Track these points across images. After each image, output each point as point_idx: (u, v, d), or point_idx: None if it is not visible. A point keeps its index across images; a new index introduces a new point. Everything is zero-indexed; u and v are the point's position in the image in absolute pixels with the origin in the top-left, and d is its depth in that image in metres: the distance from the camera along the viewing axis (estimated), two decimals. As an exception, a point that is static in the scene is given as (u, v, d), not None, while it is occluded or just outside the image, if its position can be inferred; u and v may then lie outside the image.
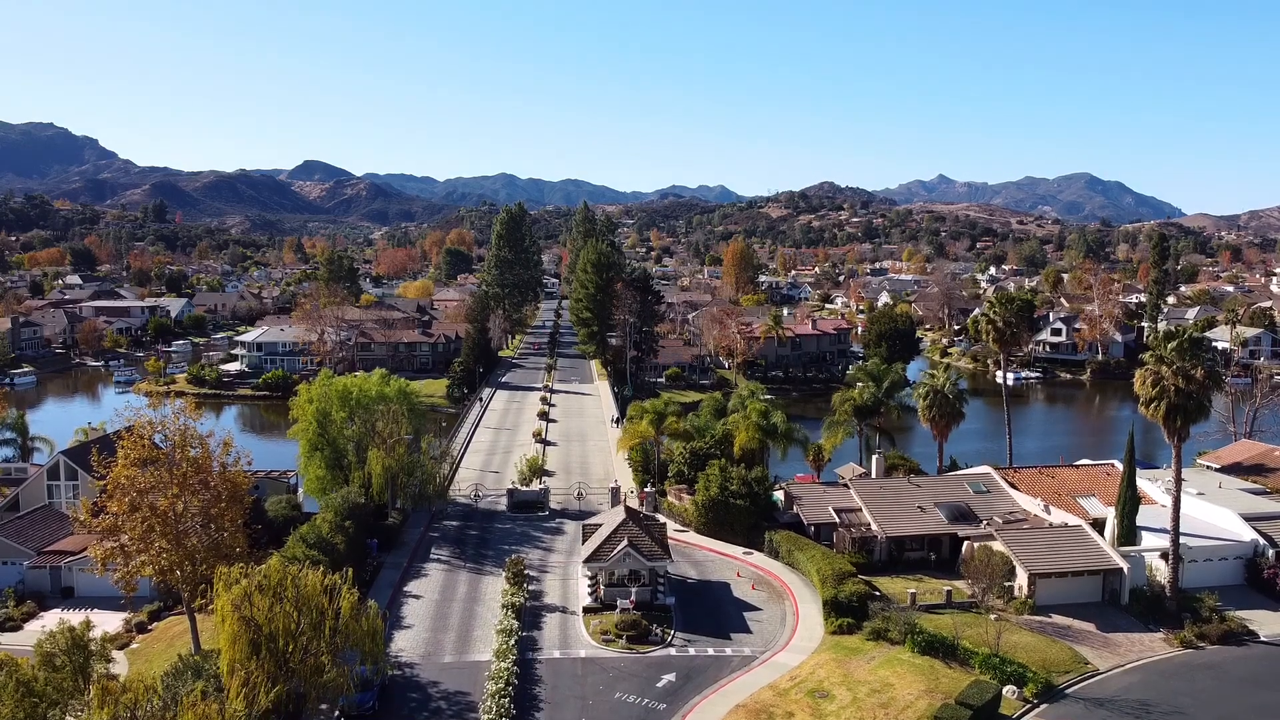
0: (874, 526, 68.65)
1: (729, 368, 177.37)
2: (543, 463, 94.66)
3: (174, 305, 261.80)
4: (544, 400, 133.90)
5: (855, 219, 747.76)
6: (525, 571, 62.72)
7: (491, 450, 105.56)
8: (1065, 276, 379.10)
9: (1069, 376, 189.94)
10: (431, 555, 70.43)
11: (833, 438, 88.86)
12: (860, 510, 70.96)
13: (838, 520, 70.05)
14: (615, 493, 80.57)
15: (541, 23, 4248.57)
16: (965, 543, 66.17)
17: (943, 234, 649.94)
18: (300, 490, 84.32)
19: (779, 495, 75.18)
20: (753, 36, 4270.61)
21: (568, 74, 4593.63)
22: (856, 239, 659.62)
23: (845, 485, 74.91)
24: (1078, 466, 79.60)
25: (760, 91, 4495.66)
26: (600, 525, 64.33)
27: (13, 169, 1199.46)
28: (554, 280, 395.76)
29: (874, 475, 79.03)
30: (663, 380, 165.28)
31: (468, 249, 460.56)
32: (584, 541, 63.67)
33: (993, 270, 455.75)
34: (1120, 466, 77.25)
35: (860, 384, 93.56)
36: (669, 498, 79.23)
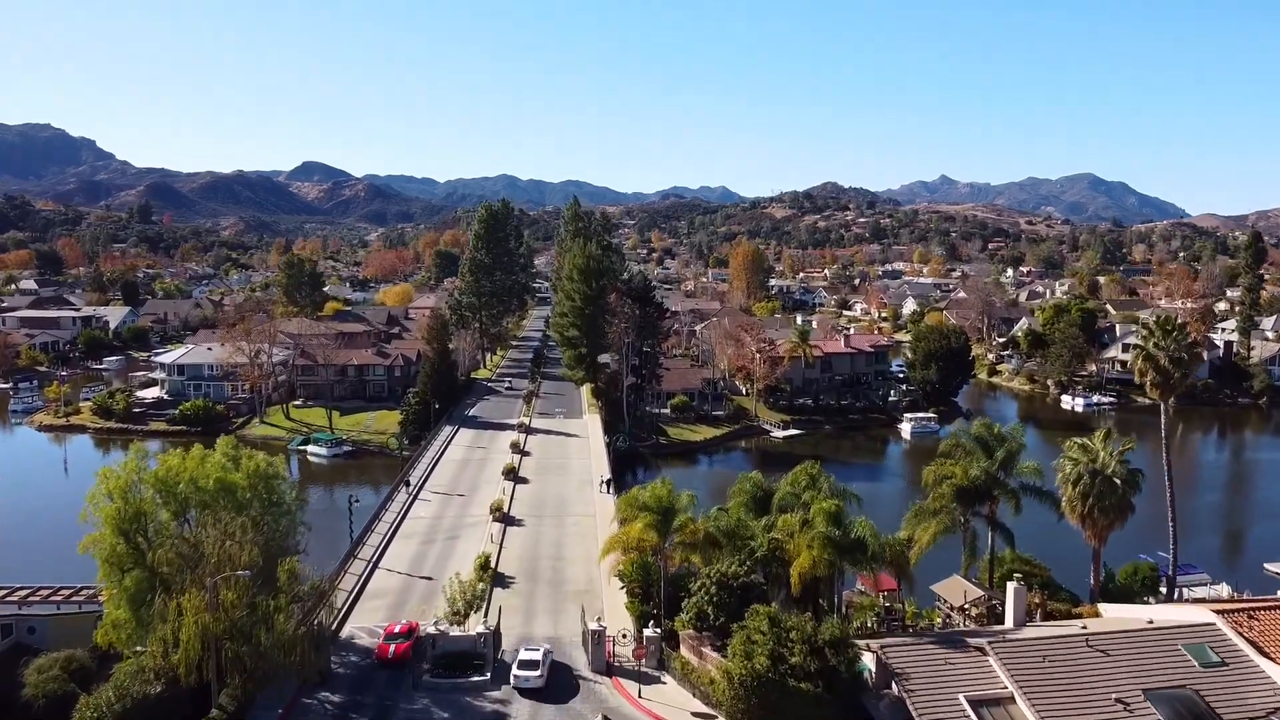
0: (1046, 741, 39.15)
1: (746, 394, 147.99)
2: (496, 564, 65.23)
3: (114, 315, 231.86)
4: (516, 446, 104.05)
5: (862, 219, 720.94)
6: None
7: (430, 535, 75.51)
8: (1102, 280, 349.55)
9: (1148, 402, 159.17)
10: (275, 785, 40.87)
11: (926, 533, 59.25)
12: (1013, 701, 41.46)
13: (977, 723, 40.60)
14: (597, 638, 50.92)
15: (542, 23, 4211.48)
16: (1222, 785, 36.78)
17: (953, 234, 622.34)
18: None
19: (867, 662, 45.50)
20: (753, 37, 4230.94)
21: (568, 74, 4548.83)
22: (864, 240, 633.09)
23: (980, 650, 44.99)
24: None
25: (761, 91, 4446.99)
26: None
27: (10, 170, 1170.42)
28: (547, 285, 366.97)
29: (1009, 618, 49.53)
30: (668, 411, 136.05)
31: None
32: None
33: (1011, 272, 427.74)
34: None
35: (958, 452, 63.55)
36: (683, 650, 49.74)
